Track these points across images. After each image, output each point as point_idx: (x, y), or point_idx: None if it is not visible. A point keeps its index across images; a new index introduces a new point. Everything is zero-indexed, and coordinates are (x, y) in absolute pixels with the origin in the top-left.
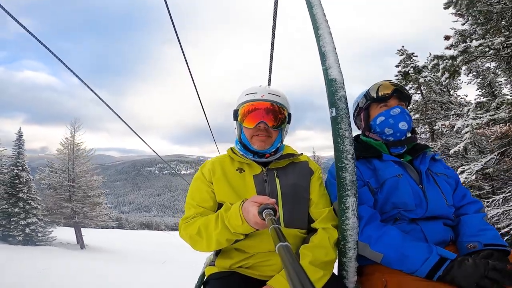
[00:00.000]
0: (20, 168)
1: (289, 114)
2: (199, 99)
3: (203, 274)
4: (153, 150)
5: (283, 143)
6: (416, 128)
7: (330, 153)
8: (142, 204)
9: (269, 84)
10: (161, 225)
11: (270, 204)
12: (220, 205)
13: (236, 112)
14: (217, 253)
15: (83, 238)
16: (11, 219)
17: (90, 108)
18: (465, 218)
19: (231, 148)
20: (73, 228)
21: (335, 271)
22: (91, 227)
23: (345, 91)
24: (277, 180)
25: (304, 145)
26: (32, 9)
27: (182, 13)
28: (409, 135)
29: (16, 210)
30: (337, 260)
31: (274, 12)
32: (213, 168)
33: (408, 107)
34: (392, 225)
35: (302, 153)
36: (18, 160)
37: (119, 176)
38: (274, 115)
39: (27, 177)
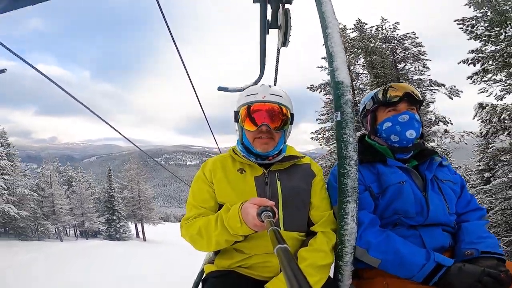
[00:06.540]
0: (114, 190)
1: (292, 115)
2: (194, 89)
3: (202, 271)
4: (139, 149)
5: (286, 143)
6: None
7: None
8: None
9: (275, 84)
10: (170, 216)
11: (269, 206)
12: (221, 206)
13: (236, 114)
14: (217, 252)
15: (145, 233)
16: (111, 223)
17: (99, 100)
18: (465, 225)
19: (233, 149)
20: (134, 225)
21: (331, 273)
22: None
23: (351, 95)
24: (278, 182)
25: (308, 137)
26: (47, 9)
27: (183, 4)
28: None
29: (114, 217)
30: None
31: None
32: (214, 168)
33: (420, 110)
34: (391, 230)
35: (304, 155)
36: (111, 185)
37: (126, 166)
38: (277, 117)
39: (117, 195)
